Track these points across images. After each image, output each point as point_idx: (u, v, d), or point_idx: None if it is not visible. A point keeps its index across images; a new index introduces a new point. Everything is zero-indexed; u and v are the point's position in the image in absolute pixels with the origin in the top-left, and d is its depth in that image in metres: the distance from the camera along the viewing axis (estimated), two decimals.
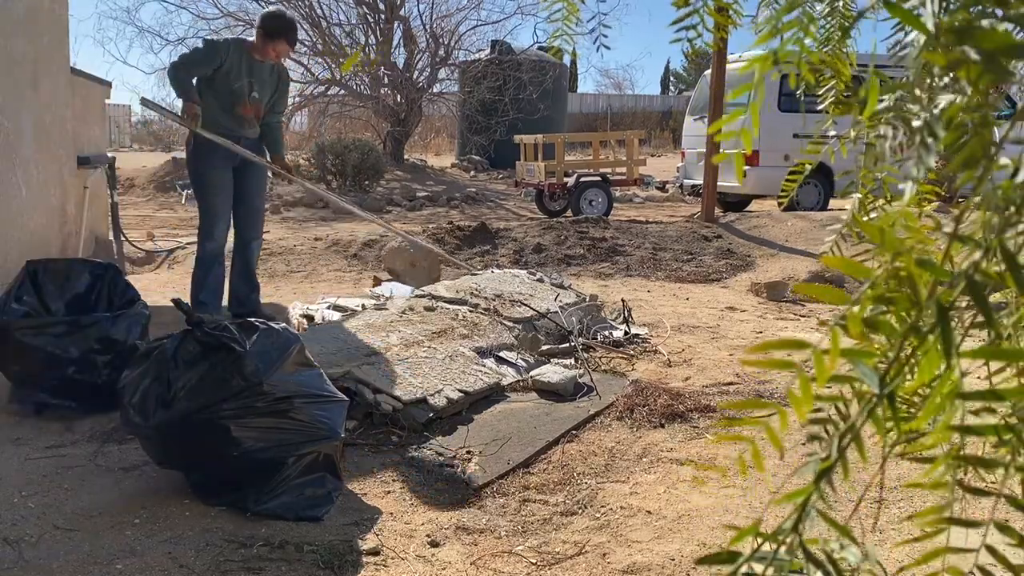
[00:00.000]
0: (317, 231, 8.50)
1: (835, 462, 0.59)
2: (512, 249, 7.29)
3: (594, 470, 2.81)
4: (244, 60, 4.49)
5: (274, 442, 2.42)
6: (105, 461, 2.75)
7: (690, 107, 11.90)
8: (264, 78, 4.58)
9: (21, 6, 4.49)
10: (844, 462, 0.59)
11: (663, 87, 44.30)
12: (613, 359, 4.08)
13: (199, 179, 4.60)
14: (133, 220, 9.55)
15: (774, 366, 0.64)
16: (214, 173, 4.52)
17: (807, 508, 0.58)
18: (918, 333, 0.58)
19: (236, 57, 4.48)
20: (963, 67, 0.55)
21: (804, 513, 0.58)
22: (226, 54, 4.45)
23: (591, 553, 2.24)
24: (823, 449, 0.60)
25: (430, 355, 3.57)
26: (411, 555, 2.22)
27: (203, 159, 4.52)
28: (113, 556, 2.12)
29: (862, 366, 0.58)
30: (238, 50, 4.54)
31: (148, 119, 28.77)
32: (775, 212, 9.27)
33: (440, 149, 23.05)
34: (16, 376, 3.23)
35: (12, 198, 4.37)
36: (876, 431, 0.59)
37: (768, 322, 5.08)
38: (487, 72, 15.72)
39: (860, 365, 0.58)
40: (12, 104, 4.34)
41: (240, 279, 4.77)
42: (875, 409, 0.58)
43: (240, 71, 4.47)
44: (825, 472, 0.59)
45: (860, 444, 0.60)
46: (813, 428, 0.63)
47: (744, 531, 0.59)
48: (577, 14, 1.14)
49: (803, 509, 0.58)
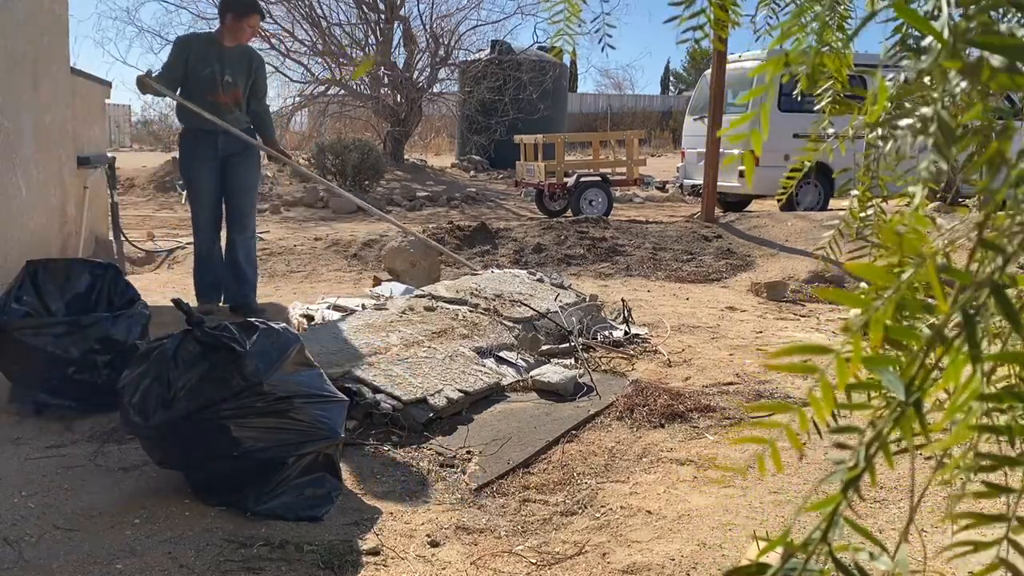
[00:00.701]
0: (317, 231, 8.50)
1: (863, 471, 0.58)
2: (512, 249, 7.29)
3: (594, 470, 2.81)
4: (212, 48, 4.64)
5: (274, 442, 2.42)
6: (105, 461, 2.75)
7: (690, 107, 11.90)
8: (235, 62, 4.70)
9: (21, 6, 4.49)
10: (871, 470, 0.59)
11: (663, 87, 44.33)
12: (613, 359, 4.08)
13: (186, 180, 4.83)
14: (133, 220, 9.55)
15: (799, 371, 0.64)
16: (194, 173, 4.73)
17: (836, 517, 0.58)
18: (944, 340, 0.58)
19: (202, 46, 4.65)
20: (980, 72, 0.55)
21: (833, 522, 0.58)
22: (192, 44, 4.66)
23: (591, 553, 2.24)
24: (850, 457, 0.59)
25: (430, 355, 3.57)
26: (411, 555, 2.22)
27: (187, 160, 4.75)
28: (113, 556, 2.12)
29: (887, 373, 0.58)
30: (204, 40, 4.74)
31: (148, 119, 28.77)
32: (775, 212, 9.27)
33: (440, 149, 23.06)
34: (16, 376, 3.23)
35: (12, 198, 4.36)
36: (903, 438, 0.58)
37: (768, 322, 5.08)
38: (487, 72, 15.72)
39: (885, 372, 0.58)
40: (12, 104, 4.34)
41: (227, 271, 4.86)
42: (902, 416, 0.58)
43: (208, 58, 4.61)
44: (853, 481, 0.58)
45: (888, 452, 0.59)
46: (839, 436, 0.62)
47: (773, 542, 0.59)
48: (579, 14, 1.14)
49: (832, 518, 0.58)
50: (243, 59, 4.77)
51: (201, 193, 4.72)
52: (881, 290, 0.59)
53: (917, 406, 0.58)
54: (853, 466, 0.59)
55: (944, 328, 0.57)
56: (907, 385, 0.58)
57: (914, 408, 0.57)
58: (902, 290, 0.59)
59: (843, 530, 0.58)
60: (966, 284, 0.56)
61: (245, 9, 4.63)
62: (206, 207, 4.75)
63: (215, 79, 4.61)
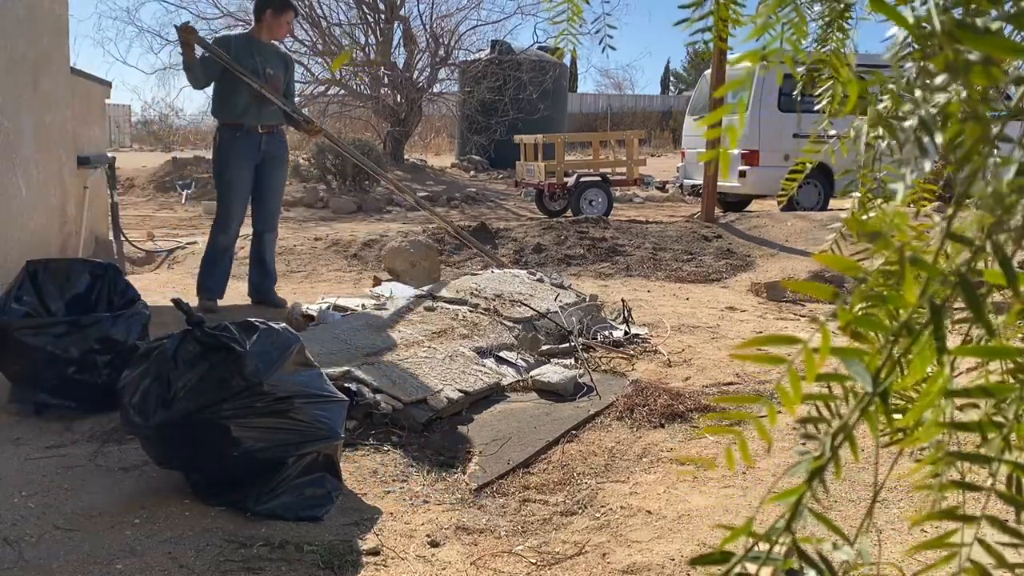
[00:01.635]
0: (317, 231, 8.50)
1: (828, 461, 0.59)
2: (512, 249, 7.29)
3: (594, 470, 2.81)
4: (250, 45, 4.88)
5: (274, 442, 2.42)
6: (105, 461, 2.75)
7: (690, 107, 11.90)
8: (273, 58, 4.97)
9: (21, 6, 4.49)
10: (837, 461, 0.59)
11: (663, 87, 44.33)
12: (613, 359, 4.08)
13: (220, 176, 4.95)
14: (133, 220, 9.55)
15: (766, 361, 0.64)
16: (234, 172, 4.86)
17: (800, 507, 0.58)
18: (911, 331, 0.58)
19: (242, 43, 4.90)
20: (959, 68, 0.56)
21: (797, 512, 0.58)
22: (231, 41, 4.94)
23: (591, 553, 2.24)
24: (816, 448, 0.60)
25: (430, 355, 3.57)
26: (411, 555, 2.22)
27: (225, 157, 4.88)
28: (113, 556, 2.12)
29: (855, 364, 0.58)
30: (241, 38, 5.01)
31: (148, 119, 28.78)
32: (775, 212, 9.27)
33: (440, 149, 23.06)
34: (16, 376, 3.23)
35: (12, 198, 4.36)
36: (869, 429, 0.59)
37: (768, 322, 5.08)
38: (487, 72, 15.72)
39: (853, 363, 0.58)
40: (12, 104, 4.34)
41: (254, 267, 5.16)
42: (868, 407, 0.58)
43: (250, 51, 4.83)
44: (818, 471, 0.59)
45: (853, 443, 0.60)
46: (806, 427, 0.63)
47: (737, 531, 0.59)
48: (581, 15, 1.14)
49: (796, 508, 0.58)
50: (279, 56, 5.09)
51: (239, 190, 4.89)
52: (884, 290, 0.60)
53: (883, 397, 0.58)
54: (819, 456, 0.59)
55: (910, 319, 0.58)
56: (874, 376, 0.58)
57: (880, 399, 0.58)
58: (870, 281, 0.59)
59: (807, 520, 0.59)
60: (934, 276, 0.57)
61: (283, 5, 4.88)
62: (241, 203, 4.94)
63: (259, 69, 4.81)
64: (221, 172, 4.92)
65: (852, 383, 0.60)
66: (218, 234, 4.94)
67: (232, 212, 4.91)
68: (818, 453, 0.59)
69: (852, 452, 0.59)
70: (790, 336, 0.62)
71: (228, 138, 4.84)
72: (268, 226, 5.09)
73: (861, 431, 0.61)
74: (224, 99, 4.80)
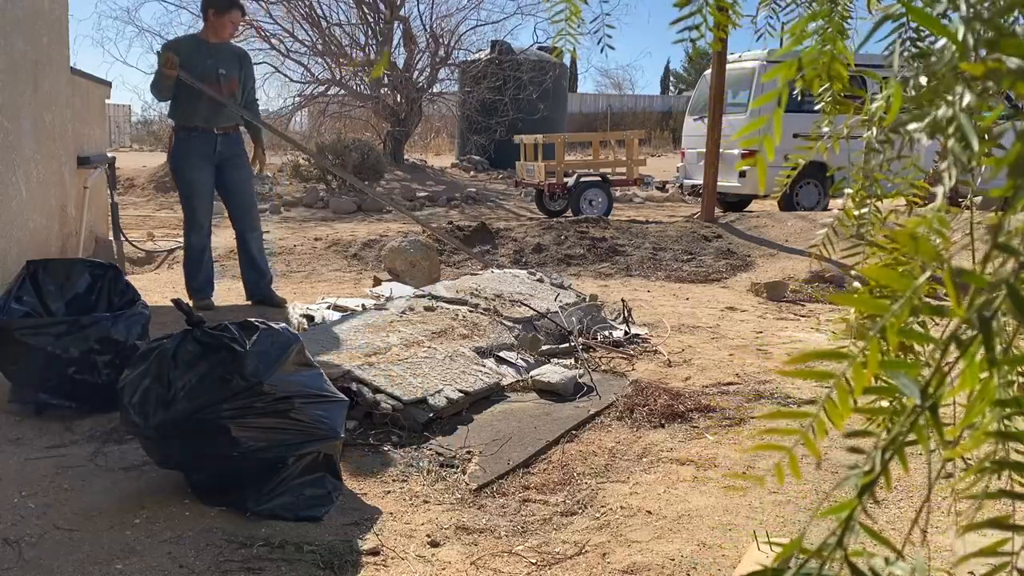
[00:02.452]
0: (317, 231, 8.51)
1: (878, 475, 0.58)
2: (512, 249, 7.29)
3: (594, 470, 2.81)
4: (201, 47, 4.80)
5: (274, 442, 2.42)
6: (105, 461, 2.75)
7: (690, 107, 11.90)
8: (226, 58, 4.87)
9: (21, 6, 4.49)
10: (887, 475, 0.58)
11: (663, 87, 44.33)
12: (613, 359, 4.08)
13: (179, 175, 4.91)
14: (133, 220, 9.55)
15: (814, 377, 0.63)
16: (192, 171, 4.82)
17: (851, 522, 0.58)
18: (960, 343, 0.57)
19: (191, 46, 4.80)
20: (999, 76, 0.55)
21: (848, 527, 0.58)
22: (180, 45, 4.82)
23: (591, 553, 2.24)
24: (865, 462, 0.59)
25: (430, 355, 3.57)
26: (411, 555, 2.22)
27: (182, 156, 4.83)
28: (113, 556, 2.12)
29: (903, 378, 0.57)
30: (191, 40, 4.92)
31: (148, 119, 28.75)
32: (775, 212, 9.27)
33: (440, 149, 23.04)
34: (16, 376, 3.23)
35: (12, 198, 4.36)
36: (919, 443, 0.58)
37: (768, 322, 5.08)
38: (487, 72, 15.71)
39: (901, 377, 0.57)
40: (12, 104, 4.34)
41: (246, 269, 5.10)
42: (917, 421, 0.58)
43: (200, 55, 4.75)
44: (868, 486, 0.58)
45: (903, 456, 0.59)
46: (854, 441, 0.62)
47: (788, 546, 0.58)
48: (580, 15, 1.14)
49: (847, 523, 0.58)
50: (234, 55, 4.97)
51: (201, 187, 4.84)
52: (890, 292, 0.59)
53: (933, 410, 0.57)
54: (868, 471, 0.58)
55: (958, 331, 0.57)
56: (922, 389, 0.58)
57: (930, 412, 0.57)
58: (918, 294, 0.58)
59: (858, 535, 0.58)
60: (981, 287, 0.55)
61: (227, 4, 4.79)
62: (204, 201, 4.88)
63: (211, 72, 4.74)
64: (180, 171, 4.87)
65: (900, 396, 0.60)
66: (190, 235, 4.90)
67: (198, 211, 4.85)
68: (868, 467, 0.59)
69: (902, 466, 0.58)
70: (837, 351, 0.61)
71: (184, 139, 4.80)
72: (248, 225, 5.01)
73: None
74: (180, 102, 4.77)
